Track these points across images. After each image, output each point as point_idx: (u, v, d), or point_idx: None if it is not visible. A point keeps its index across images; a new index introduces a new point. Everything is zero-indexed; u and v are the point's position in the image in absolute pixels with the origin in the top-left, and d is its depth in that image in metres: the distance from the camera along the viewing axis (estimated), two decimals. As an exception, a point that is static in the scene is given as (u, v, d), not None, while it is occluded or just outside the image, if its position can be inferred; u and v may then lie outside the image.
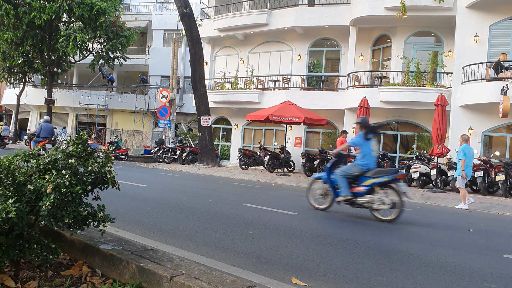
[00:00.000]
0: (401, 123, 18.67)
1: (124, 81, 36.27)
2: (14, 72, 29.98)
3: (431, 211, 9.76)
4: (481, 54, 15.76)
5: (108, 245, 3.48)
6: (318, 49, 21.36)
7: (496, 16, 15.79)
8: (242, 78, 21.93)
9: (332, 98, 19.34)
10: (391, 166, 16.60)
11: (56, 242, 3.42)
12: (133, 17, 33.88)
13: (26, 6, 23.79)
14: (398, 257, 4.84)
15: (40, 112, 34.62)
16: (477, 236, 6.88)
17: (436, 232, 6.85)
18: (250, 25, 21.34)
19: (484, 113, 15.57)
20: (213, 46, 24.34)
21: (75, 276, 3.25)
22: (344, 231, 6.43)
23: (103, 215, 3.24)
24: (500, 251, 5.66)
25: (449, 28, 17.23)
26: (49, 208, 2.91)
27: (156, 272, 2.96)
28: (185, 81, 30.93)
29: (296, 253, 4.66)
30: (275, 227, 6.19)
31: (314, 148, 20.20)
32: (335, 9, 19.45)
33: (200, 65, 20.14)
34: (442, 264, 4.64)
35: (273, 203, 9.10)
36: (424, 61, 16.98)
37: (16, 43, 26.27)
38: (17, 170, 3.11)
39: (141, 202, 7.84)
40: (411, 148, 17.96)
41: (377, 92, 16.97)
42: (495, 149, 15.50)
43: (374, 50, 19.91)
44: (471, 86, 15.45)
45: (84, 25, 25.04)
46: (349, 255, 4.79)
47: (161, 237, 4.93)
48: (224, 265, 3.96)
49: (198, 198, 9.14)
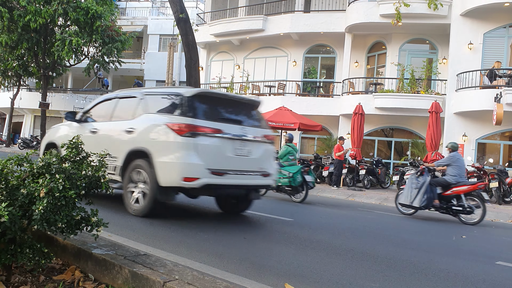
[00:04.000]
0: (395, 130, 18.75)
1: (119, 85, 36.13)
2: (9, 76, 29.83)
3: (424, 217, 9.77)
4: (475, 62, 15.89)
5: (101, 250, 3.46)
6: (314, 55, 21.45)
7: (490, 24, 15.95)
8: (238, 84, 21.95)
9: (327, 104, 19.41)
10: (385, 172, 16.66)
11: (49, 247, 3.40)
12: (129, 22, 33.87)
13: (21, 9, 23.71)
14: (392, 263, 4.85)
15: (34, 116, 34.46)
16: (470, 243, 6.91)
17: (429, 239, 6.87)
18: (246, 31, 21.40)
19: (478, 121, 15.67)
20: (209, 51, 24.37)
21: (67, 281, 3.23)
22: (338, 237, 6.44)
23: (97, 219, 3.23)
24: (493, 258, 5.68)
25: (443, 35, 17.36)
26: (42, 212, 2.89)
27: (149, 278, 2.94)
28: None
29: (290, 259, 4.65)
30: (269, 233, 6.18)
31: (309, 154, 20.23)
32: (330, 16, 19.56)
33: (196, 70, 20.07)
34: (436, 270, 4.65)
35: (267, 208, 9.09)
36: (418, 68, 17.09)
37: (11, 46, 26.14)
38: (10, 174, 3.10)
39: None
40: (405, 155, 18.03)
41: (372, 99, 17.04)
42: (488, 156, 15.60)
43: (369, 57, 20.02)
44: (465, 94, 15.56)
45: (79, 29, 24.98)
46: (343, 261, 4.79)
47: (154, 242, 4.91)
48: (217, 271, 3.94)
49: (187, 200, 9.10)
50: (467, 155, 15.28)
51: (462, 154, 15.49)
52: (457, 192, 9.07)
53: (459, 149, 11.22)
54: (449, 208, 9.16)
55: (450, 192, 9.14)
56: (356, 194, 13.76)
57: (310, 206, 10.15)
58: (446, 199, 9.19)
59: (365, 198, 12.98)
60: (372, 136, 18.69)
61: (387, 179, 16.66)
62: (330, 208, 10.29)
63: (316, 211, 9.66)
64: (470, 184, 9.37)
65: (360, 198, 13.11)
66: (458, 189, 9.07)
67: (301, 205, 10.21)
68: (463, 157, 8.71)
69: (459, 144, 11.25)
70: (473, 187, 9.11)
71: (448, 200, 9.19)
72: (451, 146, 9.71)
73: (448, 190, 9.18)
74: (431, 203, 9.13)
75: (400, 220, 9.06)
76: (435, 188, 9.26)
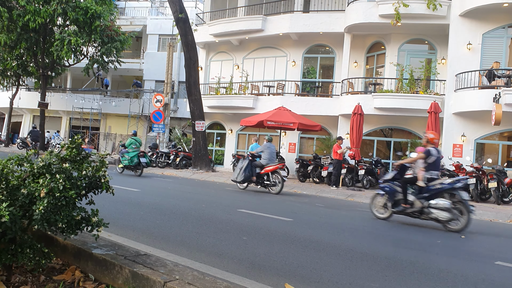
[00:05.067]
0: (394, 130, 18.75)
1: (118, 85, 36.16)
2: (8, 75, 29.78)
3: (422, 218, 9.77)
4: (474, 62, 15.90)
5: (101, 250, 3.46)
6: (313, 55, 21.45)
7: (489, 24, 15.96)
8: (237, 84, 21.94)
9: (326, 104, 19.41)
10: (384, 172, 16.67)
11: (49, 247, 3.40)
12: (128, 22, 33.83)
13: (21, 9, 23.68)
14: (391, 263, 4.85)
15: (33, 116, 34.42)
16: (469, 242, 6.92)
17: (428, 239, 6.87)
18: (245, 31, 21.39)
19: (476, 121, 15.68)
20: (208, 51, 24.36)
21: (67, 281, 3.23)
22: (337, 237, 6.44)
23: (97, 219, 3.23)
24: (492, 257, 5.69)
25: (442, 36, 17.37)
26: (42, 212, 2.89)
27: (149, 278, 2.95)
28: (179, 86, 30.91)
29: (290, 259, 4.66)
30: (269, 233, 6.19)
31: (308, 154, 20.23)
32: (330, 16, 19.55)
33: (195, 70, 20.15)
34: (435, 270, 4.66)
35: (267, 208, 9.10)
36: (417, 68, 17.09)
37: (10, 46, 26.11)
38: (10, 174, 3.10)
39: (135, 207, 7.81)
40: (404, 155, 18.04)
41: (371, 99, 17.05)
42: (487, 157, 15.59)
43: (368, 57, 20.03)
44: (464, 94, 15.57)
45: (79, 29, 24.95)
46: (343, 261, 4.79)
47: (154, 242, 4.91)
48: (217, 271, 3.95)
49: (191, 203, 9.12)
50: (466, 155, 15.30)
51: (461, 154, 15.55)
52: (266, 171, 12.68)
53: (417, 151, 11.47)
54: (262, 182, 12.79)
55: (263, 171, 12.72)
56: (355, 194, 13.77)
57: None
58: (261, 176, 12.78)
59: (364, 198, 12.98)
60: (371, 136, 18.69)
61: (386, 179, 16.65)
62: (329, 208, 10.30)
63: (311, 210, 9.66)
64: (274, 165, 12.78)
65: (359, 198, 13.12)
66: (267, 169, 12.68)
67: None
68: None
69: (458, 144, 11.36)
70: (276, 167, 12.72)
71: (262, 177, 12.76)
72: (267, 138, 13.53)
73: (262, 170, 12.75)
74: (249, 179, 12.79)
75: (400, 220, 9.07)
76: (255, 168, 12.84)
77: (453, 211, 7.67)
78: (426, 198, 7.99)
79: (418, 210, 8.11)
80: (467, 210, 7.62)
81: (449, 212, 7.66)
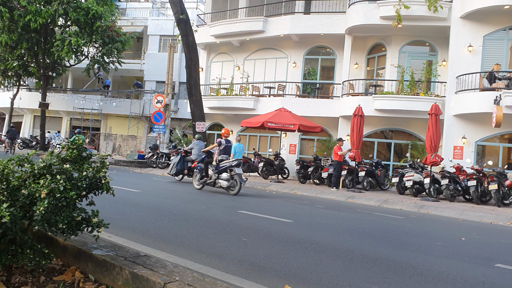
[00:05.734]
0: (395, 132, 18.75)
1: (119, 85, 36.19)
2: (9, 75, 29.81)
3: (424, 219, 9.79)
4: (475, 64, 15.90)
5: (102, 251, 3.46)
6: (314, 56, 21.46)
7: (490, 26, 15.96)
8: (238, 85, 21.96)
9: (326, 106, 19.41)
10: (385, 174, 16.68)
11: (49, 247, 3.40)
12: (129, 22, 33.87)
13: (22, 9, 23.72)
14: (391, 265, 4.85)
15: (34, 116, 34.44)
16: (469, 245, 6.91)
17: (429, 241, 6.87)
18: (246, 32, 21.41)
19: (477, 123, 15.68)
20: (209, 52, 24.38)
21: (67, 281, 3.23)
22: (337, 239, 6.44)
23: (97, 220, 3.23)
24: (492, 260, 5.69)
25: (443, 38, 17.38)
26: (43, 213, 2.89)
27: (149, 279, 2.95)
28: (180, 87, 30.93)
29: (290, 261, 4.66)
30: (269, 234, 6.19)
31: (308, 155, 20.22)
32: (330, 17, 19.56)
33: (196, 71, 20.16)
34: (435, 273, 4.66)
35: (267, 210, 9.10)
36: (418, 70, 17.09)
37: (11, 46, 26.15)
38: (11, 175, 3.10)
39: (135, 207, 7.82)
40: (404, 157, 18.03)
41: (371, 101, 17.05)
42: (488, 159, 15.57)
43: (369, 59, 20.03)
44: (465, 96, 15.57)
45: (79, 29, 24.99)
46: (343, 263, 4.79)
47: (154, 243, 4.91)
48: (217, 272, 3.95)
49: (191, 204, 9.12)
50: (466, 157, 15.29)
51: (461, 156, 15.54)
52: (195, 164, 13.26)
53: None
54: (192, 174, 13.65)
55: (193, 165, 13.44)
56: (355, 195, 13.76)
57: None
58: (192, 169, 13.55)
59: (364, 200, 12.98)
60: (372, 137, 18.69)
61: (386, 181, 16.66)
62: (330, 210, 10.30)
63: (311, 211, 9.66)
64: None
65: (359, 199, 13.11)
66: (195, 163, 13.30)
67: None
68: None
69: (459, 146, 11.46)
70: None
71: (192, 170, 13.48)
72: (197, 137, 15.37)
73: (193, 164, 13.73)
74: (182, 172, 14.75)
75: (399, 222, 9.08)
76: (187, 163, 14.65)
77: (231, 181, 11.51)
78: (217, 172, 11.77)
79: (213, 181, 11.90)
80: (240, 180, 11.38)
81: (228, 182, 11.51)
